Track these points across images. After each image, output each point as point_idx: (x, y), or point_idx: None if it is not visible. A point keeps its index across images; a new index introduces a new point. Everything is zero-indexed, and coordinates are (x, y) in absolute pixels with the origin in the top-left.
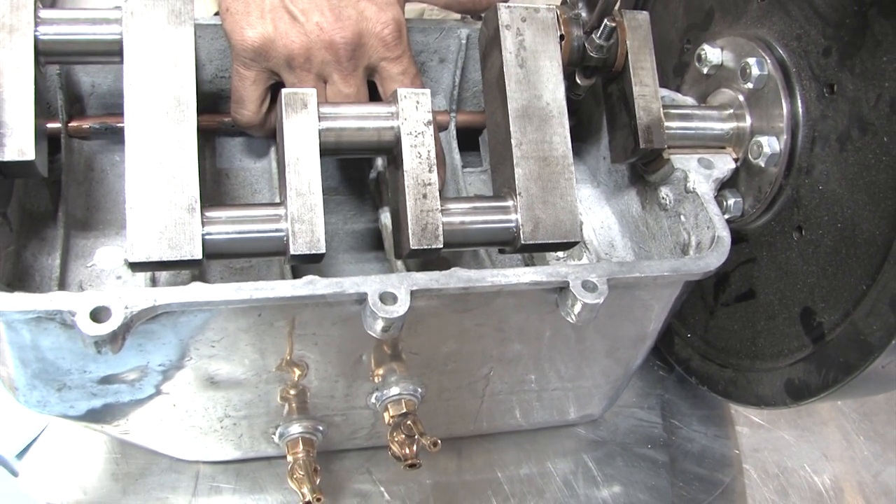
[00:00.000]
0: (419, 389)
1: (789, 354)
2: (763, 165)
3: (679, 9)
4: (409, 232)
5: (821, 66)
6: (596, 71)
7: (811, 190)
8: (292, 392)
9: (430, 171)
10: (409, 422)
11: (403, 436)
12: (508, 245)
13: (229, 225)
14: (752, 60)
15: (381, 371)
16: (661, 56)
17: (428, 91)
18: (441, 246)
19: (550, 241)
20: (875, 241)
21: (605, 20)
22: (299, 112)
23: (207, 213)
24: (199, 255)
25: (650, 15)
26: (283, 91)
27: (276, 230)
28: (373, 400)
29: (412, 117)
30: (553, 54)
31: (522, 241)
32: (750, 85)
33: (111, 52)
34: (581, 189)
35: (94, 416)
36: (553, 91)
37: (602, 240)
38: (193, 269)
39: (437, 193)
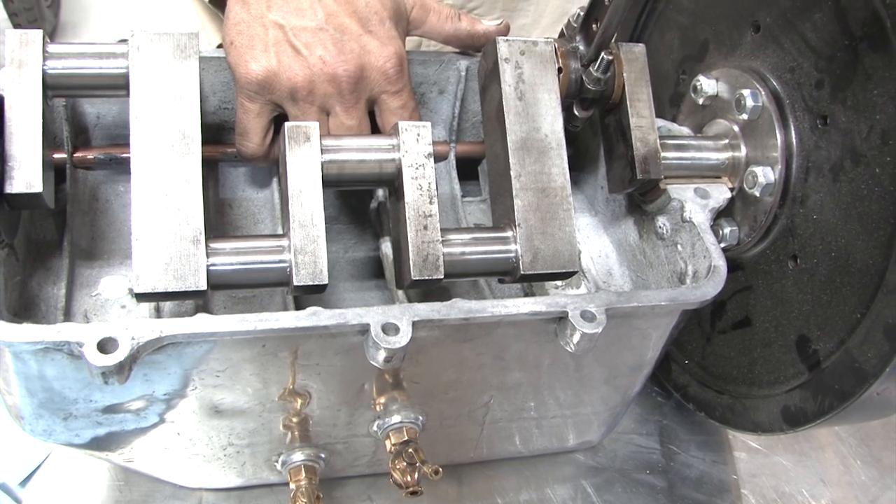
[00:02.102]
0: (420, 418)
1: (785, 381)
2: (758, 195)
3: (675, 40)
4: (411, 263)
5: (814, 98)
6: (593, 103)
7: (806, 219)
8: (295, 420)
9: (430, 202)
10: (410, 449)
11: (405, 463)
12: (508, 275)
13: (233, 256)
14: (746, 92)
15: (382, 399)
16: (658, 86)
17: (429, 124)
18: (442, 276)
19: (549, 272)
20: (868, 270)
21: (603, 53)
22: (302, 145)
23: (212, 245)
24: (203, 286)
25: (646, 46)
26: (286, 125)
27: (280, 261)
28: (374, 428)
29: (413, 150)
30: (551, 87)
31: (522, 272)
32: (745, 116)
33: (117, 86)
34: (579, 218)
35: (99, 444)
36: (551, 123)
37: (600, 268)
38: (198, 300)
39: (438, 224)
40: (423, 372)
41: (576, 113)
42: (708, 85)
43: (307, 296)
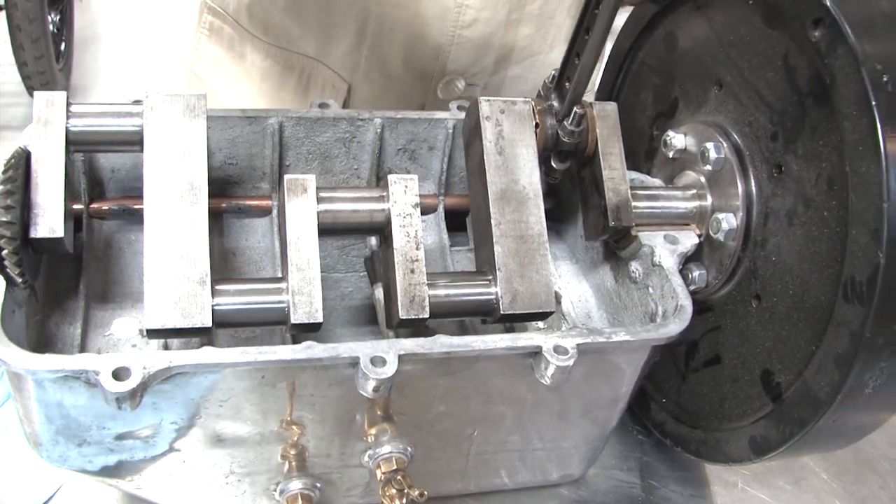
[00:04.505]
0: (409, 448)
1: (752, 413)
2: (722, 240)
3: (648, 98)
4: (399, 303)
5: (770, 149)
6: (570, 155)
7: (766, 261)
8: (292, 451)
9: (416, 248)
10: (399, 476)
11: (394, 490)
12: (489, 315)
13: (236, 297)
14: (710, 145)
15: (373, 431)
16: (634, 141)
17: (415, 177)
18: (427, 316)
19: (528, 312)
20: (821, 305)
21: (575, 108)
22: (300, 196)
23: (217, 286)
24: (208, 323)
25: (623, 104)
26: (287, 177)
27: (278, 302)
28: (366, 458)
29: (401, 200)
30: (529, 142)
31: (502, 312)
32: (709, 167)
33: (132, 142)
34: (561, 265)
35: (110, 471)
36: (529, 175)
37: (580, 312)
38: (203, 337)
39: (424, 269)
40: (410, 404)
41: (554, 165)
42: (677, 139)
43: (304, 335)
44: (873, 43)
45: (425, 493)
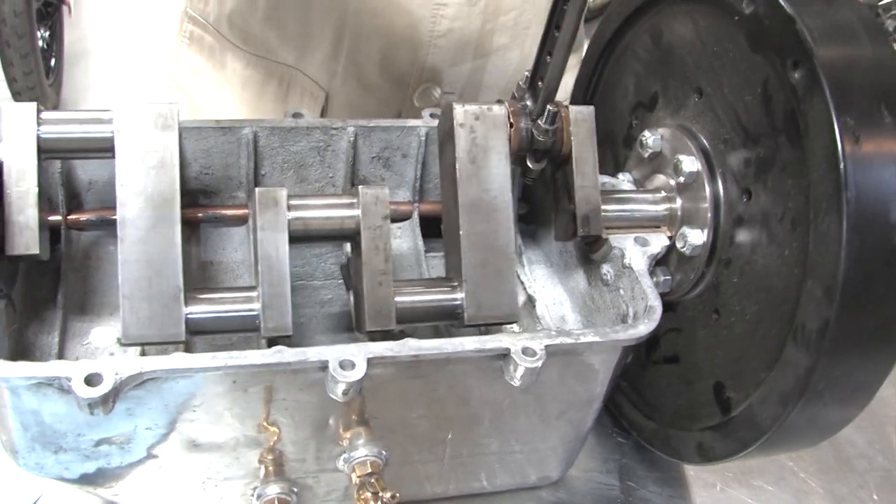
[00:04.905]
0: (384, 452)
1: (702, 420)
2: (688, 254)
3: (630, 85)
4: (366, 315)
5: (741, 173)
6: (545, 154)
7: (728, 280)
8: (268, 455)
9: (385, 261)
10: (373, 479)
11: (368, 493)
12: (455, 320)
13: (209, 305)
14: (683, 157)
15: (348, 435)
16: (615, 125)
17: (386, 189)
18: (393, 326)
19: (491, 322)
20: (773, 337)
21: (548, 106)
22: (271, 209)
23: (191, 296)
24: (182, 337)
25: (605, 82)
26: (257, 190)
27: (250, 310)
28: (341, 462)
29: (371, 212)
30: (502, 151)
31: (466, 321)
32: (681, 178)
33: (105, 149)
34: (535, 269)
35: (88, 479)
36: (500, 185)
37: (554, 315)
38: (178, 348)
39: (391, 280)
40: (383, 408)
41: (529, 165)
42: (653, 141)
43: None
44: (850, 96)
45: (397, 494)
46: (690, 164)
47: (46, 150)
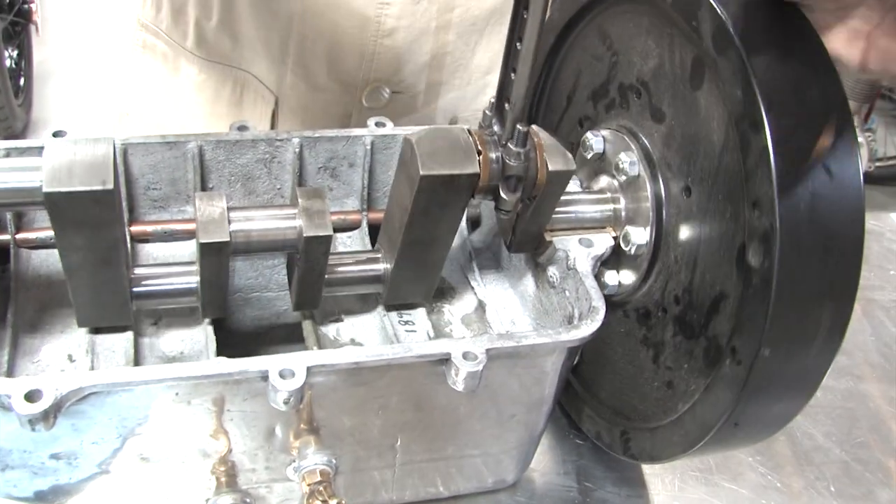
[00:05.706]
0: (333, 460)
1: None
2: (633, 253)
3: (576, 87)
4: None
5: (682, 170)
6: (519, 181)
7: (677, 282)
8: (220, 466)
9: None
10: (321, 488)
11: (318, 501)
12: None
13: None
14: (624, 156)
15: (297, 444)
16: (561, 128)
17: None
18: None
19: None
20: (713, 351)
21: (518, 126)
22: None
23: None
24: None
25: (562, 65)
26: (197, 194)
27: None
28: (291, 471)
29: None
30: (459, 204)
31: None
32: (623, 177)
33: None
34: (486, 274)
35: (40, 496)
36: (447, 233)
37: (504, 319)
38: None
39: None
40: (330, 416)
41: (504, 196)
42: (595, 142)
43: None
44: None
45: (343, 502)
46: (631, 164)
47: None
